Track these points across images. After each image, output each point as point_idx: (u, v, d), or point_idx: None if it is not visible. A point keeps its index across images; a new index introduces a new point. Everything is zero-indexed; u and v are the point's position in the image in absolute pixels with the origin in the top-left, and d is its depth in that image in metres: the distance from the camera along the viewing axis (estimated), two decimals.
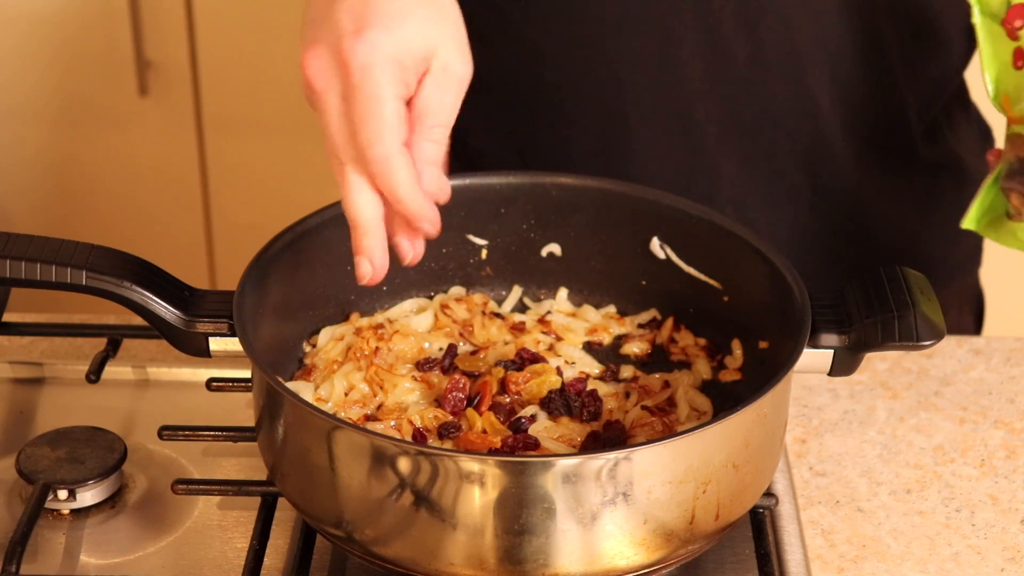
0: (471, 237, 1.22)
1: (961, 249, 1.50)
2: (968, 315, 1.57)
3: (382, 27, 0.97)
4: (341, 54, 0.97)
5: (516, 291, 1.24)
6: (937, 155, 1.43)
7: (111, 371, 1.25)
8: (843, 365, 1.07)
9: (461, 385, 1.12)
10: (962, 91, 1.47)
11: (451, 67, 1.00)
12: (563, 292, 1.24)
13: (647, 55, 1.31)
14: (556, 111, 1.36)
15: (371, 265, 1.01)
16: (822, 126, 1.35)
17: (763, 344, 1.14)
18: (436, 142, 1.00)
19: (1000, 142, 1.53)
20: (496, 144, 1.41)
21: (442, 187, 1.02)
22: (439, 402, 1.12)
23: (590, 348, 1.21)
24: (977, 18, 1.13)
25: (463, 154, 1.43)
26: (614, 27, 1.30)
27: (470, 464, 0.95)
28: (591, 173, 1.23)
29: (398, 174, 0.97)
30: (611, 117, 1.35)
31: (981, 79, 1.17)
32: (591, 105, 1.35)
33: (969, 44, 1.39)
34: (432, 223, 1.01)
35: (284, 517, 1.11)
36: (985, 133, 1.52)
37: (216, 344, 1.07)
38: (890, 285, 1.06)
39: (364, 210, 0.99)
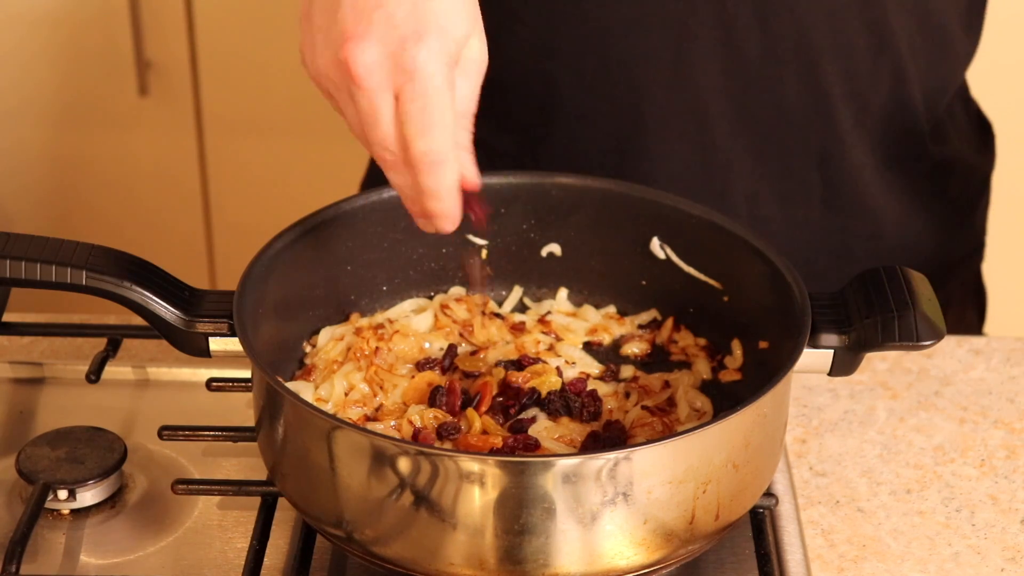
0: (471, 237, 1.22)
1: (965, 244, 1.51)
2: (971, 309, 1.57)
3: (440, 29, 0.96)
4: (403, 57, 0.95)
5: (516, 291, 1.24)
6: (941, 151, 1.43)
7: (111, 371, 1.25)
8: (843, 365, 1.07)
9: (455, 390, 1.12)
10: (963, 88, 1.48)
11: (477, 56, 1.00)
12: (563, 292, 1.24)
13: (661, 53, 1.31)
14: (569, 109, 1.37)
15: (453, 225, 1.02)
16: (834, 123, 1.35)
17: (763, 344, 1.14)
18: (467, 130, 1.02)
19: (1000, 137, 1.54)
20: (509, 143, 1.40)
21: (475, 174, 1.03)
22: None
23: (590, 348, 1.21)
24: None
25: (476, 153, 1.43)
26: (628, 25, 1.30)
27: (470, 464, 0.95)
28: (599, 171, 1.23)
29: (450, 175, 0.98)
30: (625, 115, 1.35)
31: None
32: (604, 103, 1.35)
33: (971, 41, 1.40)
34: (454, 222, 1.01)
35: (284, 517, 1.11)
36: (985, 128, 1.52)
37: (216, 344, 1.07)
38: (890, 285, 1.06)
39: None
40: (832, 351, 1.06)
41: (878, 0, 1.30)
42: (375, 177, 1.54)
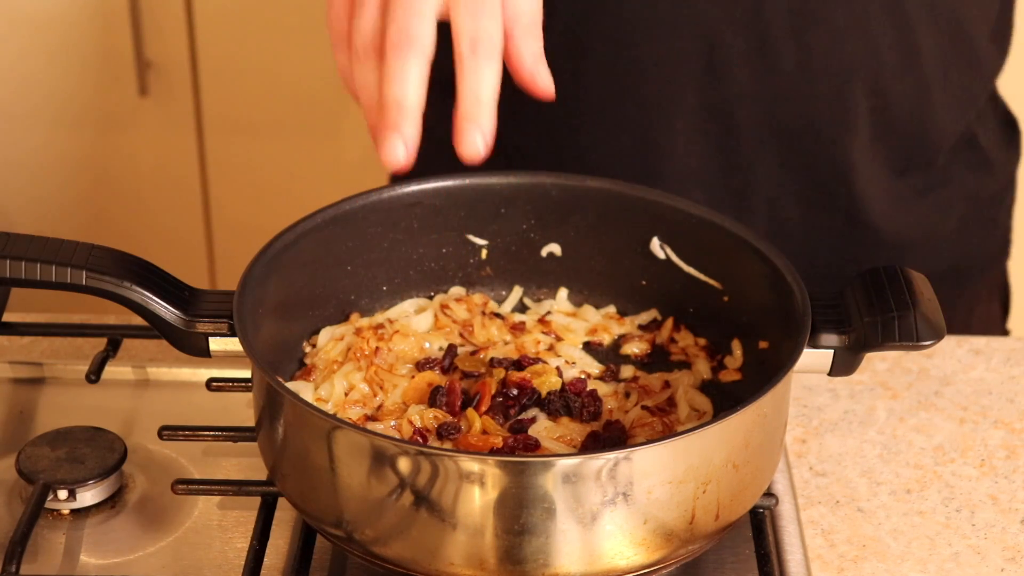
0: (471, 237, 1.22)
1: (993, 241, 1.51)
2: (996, 305, 1.57)
3: None
4: None
5: (516, 291, 1.24)
6: (969, 155, 1.44)
7: (111, 371, 1.25)
8: (843, 365, 1.07)
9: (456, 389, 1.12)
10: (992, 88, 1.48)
11: None
12: (563, 292, 1.24)
13: (694, 58, 1.31)
14: (596, 108, 1.36)
15: (406, 146, 0.97)
16: (859, 136, 1.35)
17: (763, 344, 1.14)
18: (537, 38, 1.01)
19: None
20: (533, 140, 1.40)
21: (551, 82, 1.03)
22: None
23: (590, 348, 1.21)
24: None
25: (499, 150, 1.42)
26: (663, 28, 1.30)
27: (470, 464, 0.95)
28: (621, 171, 1.22)
29: (494, 72, 0.97)
30: (652, 116, 1.35)
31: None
32: (632, 104, 1.35)
33: (1000, 53, 1.40)
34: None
35: (284, 517, 1.11)
36: (1011, 123, 1.52)
37: (216, 344, 1.07)
38: (890, 285, 1.06)
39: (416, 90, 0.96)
40: (832, 351, 1.06)
41: (909, 16, 1.30)
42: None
